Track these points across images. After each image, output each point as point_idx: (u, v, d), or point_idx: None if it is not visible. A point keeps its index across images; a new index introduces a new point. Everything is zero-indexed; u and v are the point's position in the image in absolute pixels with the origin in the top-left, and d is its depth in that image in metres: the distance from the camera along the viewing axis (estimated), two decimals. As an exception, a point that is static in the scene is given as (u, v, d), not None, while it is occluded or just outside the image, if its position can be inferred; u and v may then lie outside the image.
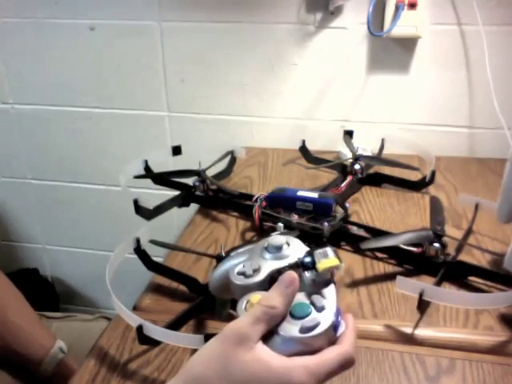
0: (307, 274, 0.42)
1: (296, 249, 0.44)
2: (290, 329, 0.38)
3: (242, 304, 0.40)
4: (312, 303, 0.40)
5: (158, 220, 0.79)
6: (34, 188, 1.36)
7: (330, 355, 0.38)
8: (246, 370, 0.36)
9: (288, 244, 0.44)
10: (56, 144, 1.28)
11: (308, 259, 0.42)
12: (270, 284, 0.41)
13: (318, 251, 0.43)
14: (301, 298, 0.41)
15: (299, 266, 0.42)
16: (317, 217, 0.74)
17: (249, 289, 0.41)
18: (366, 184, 0.93)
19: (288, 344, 0.38)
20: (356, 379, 0.52)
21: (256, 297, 0.40)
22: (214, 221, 0.84)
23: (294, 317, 0.39)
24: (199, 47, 1.10)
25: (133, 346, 0.57)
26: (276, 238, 0.45)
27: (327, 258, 0.42)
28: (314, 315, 0.39)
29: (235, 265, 0.44)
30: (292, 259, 0.43)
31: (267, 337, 0.38)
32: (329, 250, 0.42)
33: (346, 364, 0.38)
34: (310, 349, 0.38)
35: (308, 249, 0.44)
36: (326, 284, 0.42)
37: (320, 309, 0.39)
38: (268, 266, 0.43)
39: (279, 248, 0.44)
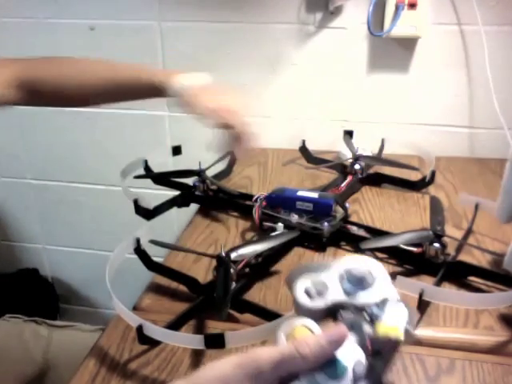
0: (365, 327, 0.37)
1: (377, 286, 0.39)
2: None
3: (285, 328, 0.37)
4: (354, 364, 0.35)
5: (158, 220, 0.79)
6: (34, 188, 1.36)
7: None
8: None
9: (372, 276, 0.39)
10: (56, 144, 1.28)
11: (374, 311, 0.37)
12: (328, 314, 0.38)
13: (394, 307, 0.37)
14: (351, 343, 0.36)
15: (363, 314, 0.38)
16: (317, 217, 0.74)
17: (305, 311, 0.38)
18: (366, 184, 0.92)
19: None
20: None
21: (301, 329, 0.37)
22: (214, 221, 0.84)
23: (324, 372, 0.34)
24: (199, 47, 1.10)
25: (133, 346, 0.57)
26: (360, 268, 0.39)
27: (394, 322, 0.36)
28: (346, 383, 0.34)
29: (307, 273, 0.40)
30: (363, 299, 0.38)
31: (289, 376, 0.35)
32: (405, 312, 0.37)
33: None
34: None
35: (391, 290, 0.39)
36: (384, 347, 0.36)
37: (357, 379, 0.34)
38: (336, 293, 0.39)
39: (359, 280, 0.39)
